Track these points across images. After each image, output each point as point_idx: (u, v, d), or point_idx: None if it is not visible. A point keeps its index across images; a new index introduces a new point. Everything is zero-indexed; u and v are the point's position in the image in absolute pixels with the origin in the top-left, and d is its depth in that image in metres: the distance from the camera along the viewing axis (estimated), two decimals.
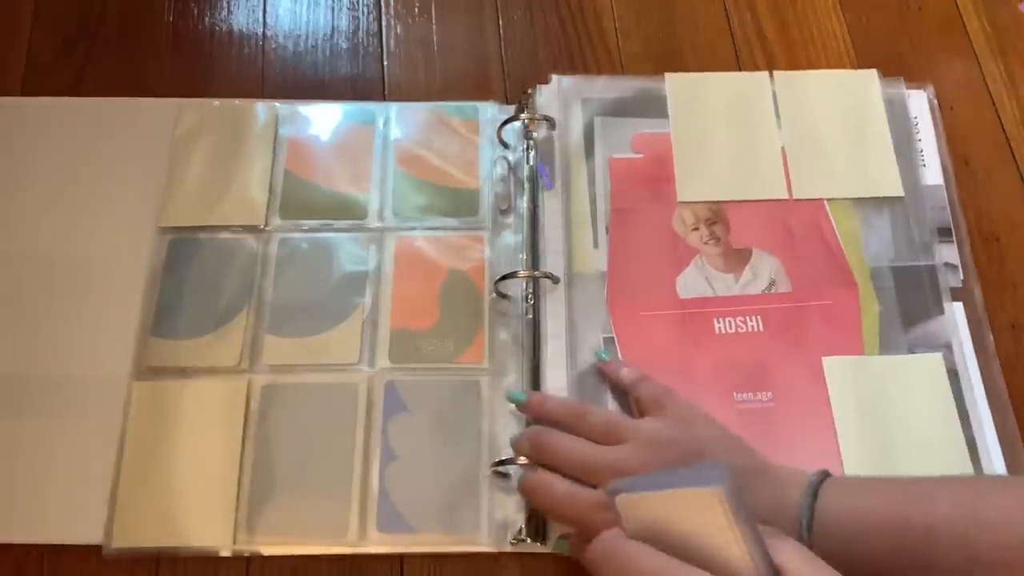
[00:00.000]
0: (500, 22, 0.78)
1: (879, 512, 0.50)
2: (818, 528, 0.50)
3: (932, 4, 0.79)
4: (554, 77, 0.72)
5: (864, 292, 0.63)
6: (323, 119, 0.73)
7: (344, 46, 0.78)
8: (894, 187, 0.66)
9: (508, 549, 0.59)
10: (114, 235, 0.68)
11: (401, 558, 0.60)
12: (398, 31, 0.78)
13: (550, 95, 0.71)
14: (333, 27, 0.79)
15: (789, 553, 0.41)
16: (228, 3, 0.80)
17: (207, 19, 0.79)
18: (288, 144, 0.71)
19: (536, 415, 0.60)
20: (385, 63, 0.76)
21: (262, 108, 0.73)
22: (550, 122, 0.70)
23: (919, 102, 0.71)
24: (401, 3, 0.79)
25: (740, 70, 0.75)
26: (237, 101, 0.73)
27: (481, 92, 0.74)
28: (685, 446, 0.54)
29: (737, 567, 0.40)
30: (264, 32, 0.78)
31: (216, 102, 0.73)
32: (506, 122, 0.70)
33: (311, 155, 0.71)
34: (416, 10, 0.79)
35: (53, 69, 0.76)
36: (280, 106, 0.73)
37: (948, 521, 0.48)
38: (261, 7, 0.80)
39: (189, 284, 0.66)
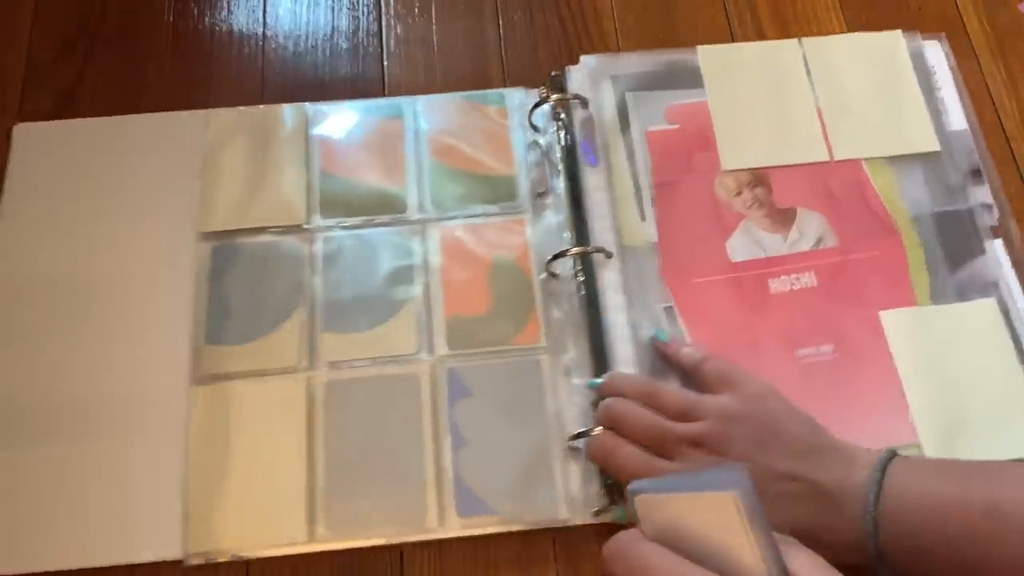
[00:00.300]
0: (500, 22, 0.82)
1: (946, 492, 0.54)
2: (884, 506, 0.54)
3: (932, 4, 0.83)
4: (582, 57, 0.78)
5: (908, 240, 0.70)
6: (352, 117, 0.77)
7: (344, 46, 0.81)
8: (930, 143, 0.73)
9: (590, 521, 0.63)
10: (156, 246, 0.71)
11: (401, 549, 0.63)
12: (398, 31, 0.82)
13: (580, 76, 0.77)
14: (333, 27, 0.82)
15: (803, 560, 0.43)
16: (228, 3, 0.83)
17: (207, 19, 0.82)
18: (321, 144, 0.75)
19: (610, 394, 0.64)
20: (385, 63, 0.80)
21: (291, 111, 0.77)
22: (583, 101, 0.75)
23: (935, 53, 0.78)
24: (401, 3, 0.83)
25: None
26: (263, 107, 0.77)
27: None
28: (759, 420, 0.58)
29: (751, 572, 0.42)
30: (264, 32, 0.82)
31: (244, 109, 0.77)
32: (537, 105, 0.75)
33: (345, 153, 0.75)
34: (416, 10, 0.83)
35: (53, 69, 0.78)
36: (309, 107, 0.77)
37: (1010, 500, 0.52)
38: (261, 7, 0.83)
39: (238, 288, 0.70)
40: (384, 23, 0.82)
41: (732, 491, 0.42)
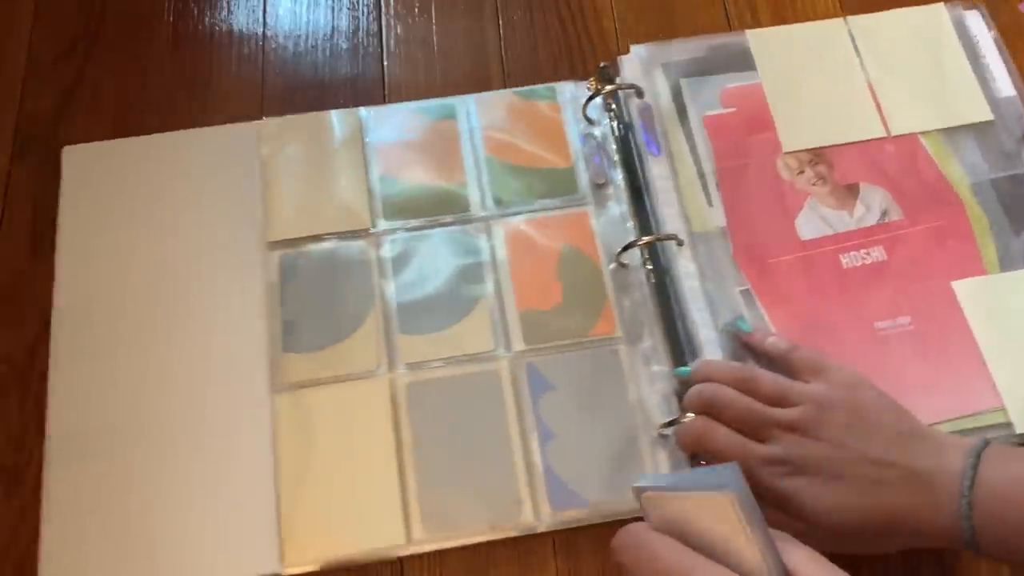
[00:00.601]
0: (500, 22, 0.85)
1: None
2: (978, 491, 0.56)
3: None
4: (632, 47, 0.81)
5: (970, 206, 0.75)
6: (404, 120, 0.79)
7: (344, 46, 0.83)
8: (983, 112, 0.78)
9: None
10: (224, 258, 0.73)
11: (401, 561, 0.64)
12: (398, 31, 0.84)
13: (632, 65, 0.80)
14: (333, 27, 0.84)
15: (800, 556, 0.46)
16: (228, 3, 0.84)
17: (207, 19, 0.83)
18: (378, 148, 0.78)
19: (701, 381, 0.66)
20: (385, 63, 0.82)
21: (342, 116, 0.79)
22: (637, 91, 0.78)
23: (976, 22, 0.83)
24: (401, 3, 0.85)
25: None
26: (313, 113, 0.79)
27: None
28: (851, 408, 0.61)
29: (750, 567, 0.45)
30: (264, 32, 0.83)
31: (293, 116, 0.78)
32: (592, 97, 0.78)
33: (402, 156, 0.78)
34: (416, 10, 0.85)
35: (53, 69, 0.79)
36: (362, 112, 0.79)
37: None
38: (261, 7, 0.84)
39: (309, 295, 0.72)
40: (384, 23, 0.84)
41: (728, 492, 0.45)
